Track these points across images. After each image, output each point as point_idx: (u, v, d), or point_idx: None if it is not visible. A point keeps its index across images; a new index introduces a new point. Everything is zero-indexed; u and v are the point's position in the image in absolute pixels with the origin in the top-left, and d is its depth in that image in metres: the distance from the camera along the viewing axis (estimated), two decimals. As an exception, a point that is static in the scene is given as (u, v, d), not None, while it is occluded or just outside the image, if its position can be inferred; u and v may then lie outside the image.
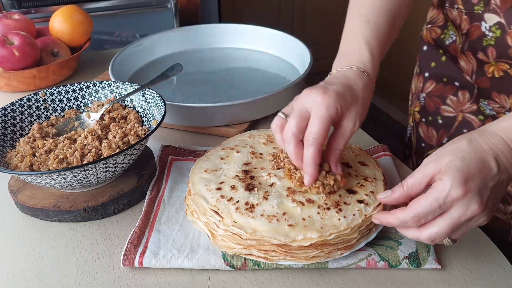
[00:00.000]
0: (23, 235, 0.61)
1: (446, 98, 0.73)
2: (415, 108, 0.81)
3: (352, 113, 0.54)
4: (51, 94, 0.75)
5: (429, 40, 0.76)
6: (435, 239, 0.47)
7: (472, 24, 0.64)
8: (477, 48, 0.65)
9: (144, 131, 0.68)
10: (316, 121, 0.51)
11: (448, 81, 0.72)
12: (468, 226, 0.47)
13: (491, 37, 0.62)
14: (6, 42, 0.94)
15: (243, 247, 0.52)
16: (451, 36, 0.71)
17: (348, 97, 0.54)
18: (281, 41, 1.07)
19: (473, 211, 0.45)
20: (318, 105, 0.51)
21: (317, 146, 0.51)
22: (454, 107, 0.71)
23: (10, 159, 0.64)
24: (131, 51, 1.02)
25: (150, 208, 0.62)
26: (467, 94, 0.70)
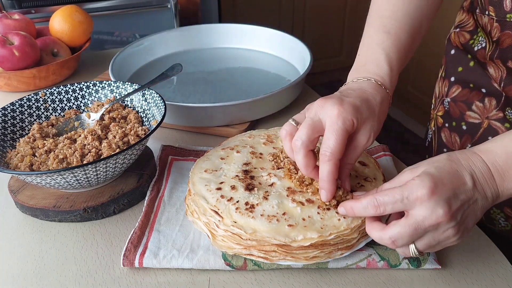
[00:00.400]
0: (23, 235, 0.61)
1: (472, 104, 0.70)
2: (438, 113, 0.78)
3: (367, 128, 0.52)
4: (51, 94, 0.75)
5: (457, 44, 0.74)
6: (397, 240, 0.45)
7: (503, 32, 0.63)
8: (507, 56, 0.63)
9: (144, 131, 0.68)
10: (332, 135, 0.49)
11: (474, 87, 0.70)
12: (435, 237, 0.45)
13: None
14: (6, 42, 0.94)
15: (243, 247, 0.52)
16: (481, 42, 0.68)
17: (364, 111, 0.52)
18: (281, 41, 1.07)
19: (438, 217, 0.44)
20: (334, 118, 0.49)
21: (335, 162, 0.49)
22: (480, 114, 0.69)
23: (10, 159, 0.64)
24: (131, 51, 1.02)
25: (150, 208, 0.62)
26: (494, 101, 0.67)
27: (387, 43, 0.60)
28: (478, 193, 0.46)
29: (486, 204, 0.47)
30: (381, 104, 0.55)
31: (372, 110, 0.53)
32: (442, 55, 0.78)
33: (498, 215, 0.72)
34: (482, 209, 0.47)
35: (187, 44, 1.13)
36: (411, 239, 0.45)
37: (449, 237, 0.46)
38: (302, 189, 0.55)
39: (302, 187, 0.56)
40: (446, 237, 0.46)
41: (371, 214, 0.47)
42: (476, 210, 0.46)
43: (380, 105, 0.54)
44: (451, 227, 0.45)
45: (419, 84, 2.45)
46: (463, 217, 0.45)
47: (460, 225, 0.45)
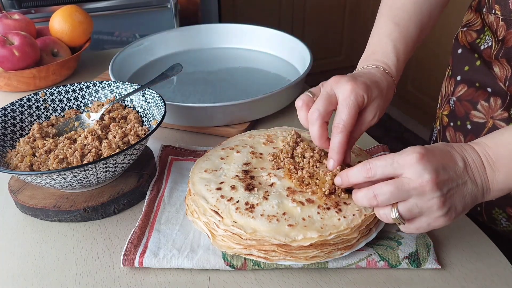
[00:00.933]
0: (23, 235, 0.61)
1: (477, 103, 0.71)
2: (444, 112, 0.79)
3: (375, 106, 0.55)
4: (51, 94, 0.75)
5: (465, 43, 0.75)
6: (379, 195, 0.46)
7: (509, 31, 0.63)
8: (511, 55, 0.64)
9: (144, 131, 0.68)
10: (345, 108, 0.52)
11: (480, 86, 0.70)
12: (419, 204, 0.45)
13: None
14: (6, 42, 0.94)
15: (243, 247, 0.52)
16: (487, 41, 0.69)
17: (374, 90, 0.55)
18: (281, 41, 1.07)
19: (423, 181, 0.44)
20: (348, 93, 0.52)
21: (346, 133, 0.52)
22: (485, 113, 0.70)
23: (10, 159, 0.64)
24: (131, 51, 1.02)
25: (150, 208, 0.62)
26: (499, 100, 0.68)
27: (395, 34, 0.63)
28: (468, 176, 0.46)
29: (476, 191, 0.47)
30: (387, 89, 0.58)
31: (381, 91, 0.56)
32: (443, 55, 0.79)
33: (500, 215, 0.72)
34: (471, 195, 0.47)
35: (187, 44, 1.13)
36: (393, 197, 0.45)
37: (433, 209, 0.45)
38: (302, 189, 0.56)
39: (302, 187, 0.56)
40: (429, 207, 0.45)
41: (363, 177, 0.47)
42: (465, 193, 0.46)
43: (386, 89, 0.58)
44: (436, 197, 0.45)
45: (419, 84, 2.45)
46: (450, 193, 0.45)
47: (446, 199, 0.45)
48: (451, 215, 0.46)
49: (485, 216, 0.74)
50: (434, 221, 0.46)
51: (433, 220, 0.46)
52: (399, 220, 0.46)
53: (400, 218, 0.46)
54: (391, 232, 0.58)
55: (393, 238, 0.57)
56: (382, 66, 0.60)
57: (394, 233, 0.58)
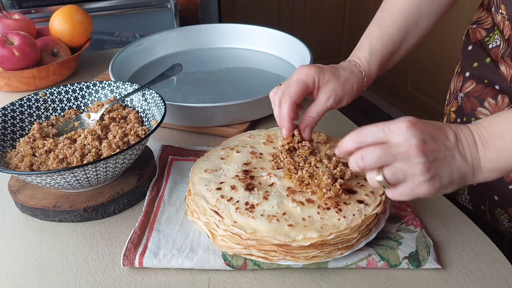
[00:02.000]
0: (23, 235, 0.61)
1: (485, 100, 0.71)
2: (452, 108, 0.80)
3: (329, 88, 0.61)
4: (51, 94, 0.75)
5: (476, 40, 0.76)
6: (365, 156, 0.47)
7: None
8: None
9: (144, 131, 0.68)
10: (293, 83, 0.60)
11: (489, 83, 0.71)
12: (403, 169, 0.46)
13: None
14: (6, 42, 0.94)
15: (243, 247, 0.52)
16: (496, 40, 0.70)
17: (328, 73, 0.62)
18: (281, 41, 1.07)
19: (410, 146, 0.45)
20: (299, 72, 0.61)
21: (290, 103, 0.59)
22: (491, 111, 0.71)
23: (10, 159, 0.64)
24: (131, 51, 1.02)
25: (150, 208, 0.62)
26: (506, 99, 0.68)
27: (375, 34, 0.68)
28: (458, 151, 0.47)
29: (465, 168, 0.47)
30: (349, 74, 0.64)
31: (336, 75, 0.63)
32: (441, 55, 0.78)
33: (502, 215, 0.72)
34: (460, 171, 0.47)
35: (187, 44, 1.13)
36: (380, 159, 0.46)
37: (416, 174, 0.46)
38: (302, 189, 0.56)
39: (302, 187, 0.56)
40: (413, 173, 0.46)
41: (355, 142, 0.48)
42: (453, 166, 0.47)
43: (348, 74, 0.64)
44: (421, 163, 0.45)
45: (419, 84, 2.45)
46: (436, 162, 0.46)
47: (431, 167, 0.46)
48: (435, 184, 0.47)
49: (489, 216, 0.74)
50: (418, 187, 0.47)
51: (417, 186, 0.47)
52: (384, 183, 0.47)
53: (384, 181, 0.47)
54: (391, 232, 0.58)
55: (393, 238, 0.57)
56: (353, 60, 0.66)
57: (394, 233, 0.58)
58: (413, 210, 0.62)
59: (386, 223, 0.58)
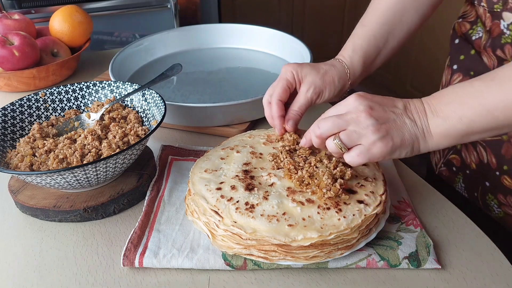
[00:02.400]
0: (23, 235, 0.61)
1: None
2: None
3: (308, 80, 0.64)
4: (51, 94, 0.75)
5: (461, 34, 0.79)
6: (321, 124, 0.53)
7: (493, 22, 0.68)
8: (496, 45, 0.68)
9: (144, 131, 0.68)
10: (277, 83, 0.65)
11: (475, 75, 0.74)
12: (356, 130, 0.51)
13: (508, 35, 0.65)
14: (6, 42, 0.94)
15: (243, 247, 0.52)
16: (478, 32, 0.74)
17: (306, 68, 0.65)
18: (281, 41, 1.07)
19: (358, 110, 0.51)
20: (281, 72, 0.65)
21: (276, 102, 0.64)
22: None
23: (10, 159, 0.64)
24: (131, 51, 1.02)
25: (150, 208, 0.62)
26: None
27: (358, 33, 0.72)
28: (407, 117, 0.52)
29: (415, 130, 0.52)
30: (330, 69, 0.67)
31: (316, 69, 0.66)
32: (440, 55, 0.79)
33: (492, 201, 0.74)
34: (410, 132, 0.52)
35: (187, 44, 1.13)
36: (334, 125, 0.52)
37: (368, 134, 0.51)
38: (302, 189, 0.56)
39: (302, 187, 0.56)
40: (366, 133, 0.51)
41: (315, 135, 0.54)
42: (404, 129, 0.52)
43: (328, 67, 0.67)
44: (370, 124, 0.50)
45: (418, 84, 2.45)
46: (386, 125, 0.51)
47: (381, 127, 0.51)
48: (388, 143, 0.51)
49: (481, 202, 0.77)
50: (372, 146, 0.51)
51: (371, 144, 0.51)
52: (340, 145, 0.52)
53: (341, 143, 0.52)
54: (391, 232, 0.58)
55: (393, 238, 0.57)
56: (336, 58, 0.70)
57: (394, 233, 0.58)
58: (413, 210, 0.62)
59: (386, 223, 0.58)
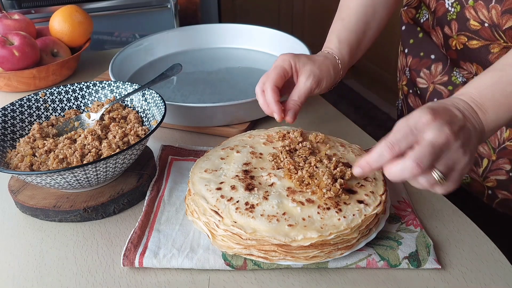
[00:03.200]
0: (23, 235, 0.61)
1: (420, 71, 0.83)
2: (403, 82, 0.90)
3: (307, 70, 0.65)
4: (51, 94, 0.75)
5: (408, 20, 0.86)
6: (421, 161, 0.45)
7: (438, 2, 0.73)
8: (443, 23, 0.72)
9: (144, 131, 0.68)
10: (272, 70, 0.65)
11: (424, 55, 0.82)
12: (451, 157, 0.47)
13: (453, 12, 0.69)
14: (6, 42, 0.94)
15: (243, 247, 0.52)
16: (425, 15, 0.80)
17: (303, 58, 0.66)
18: (281, 41, 1.07)
19: (447, 135, 0.46)
20: (277, 60, 0.66)
21: (272, 87, 0.63)
22: (427, 79, 0.82)
23: (10, 159, 0.64)
24: (131, 51, 1.02)
25: (150, 208, 0.62)
26: (440, 66, 0.79)
27: (339, 27, 0.75)
28: (468, 123, 0.50)
29: (477, 135, 0.50)
30: (324, 60, 0.69)
31: (312, 59, 0.67)
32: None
33: None
34: (476, 139, 0.50)
35: (187, 44, 1.13)
36: (433, 157, 0.46)
37: (461, 157, 0.47)
38: (302, 189, 0.56)
39: (302, 187, 0.56)
40: (458, 157, 0.47)
41: (388, 157, 0.47)
42: (473, 137, 0.49)
43: (322, 58, 0.69)
44: (459, 146, 0.47)
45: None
46: (465, 139, 0.48)
47: (465, 145, 0.48)
48: (472, 160, 0.49)
49: None
50: (463, 169, 0.48)
51: (463, 169, 0.48)
52: (442, 179, 0.47)
53: (442, 175, 0.47)
54: (391, 232, 0.58)
55: (393, 238, 0.57)
56: (324, 50, 0.73)
57: (394, 233, 0.58)
58: (413, 210, 0.62)
59: (386, 223, 0.58)
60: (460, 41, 0.70)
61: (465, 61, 0.73)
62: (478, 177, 0.77)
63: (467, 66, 0.73)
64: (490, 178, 0.75)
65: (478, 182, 0.77)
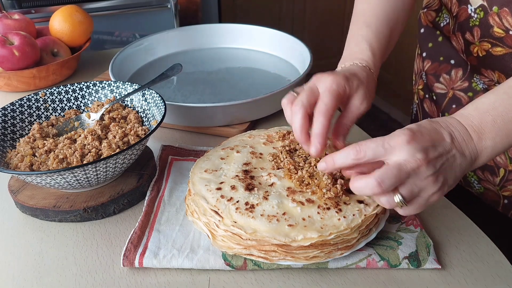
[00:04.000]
0: (23, 235, 0.61)
1: (440, 76, 0.79)
2: (419, 87, 0.86)
3: (360, 94, 0.58)
4: (51, 94, 0.75)
5: (427, 23, 0.82)
6: (383, 181, 0.45)
7: (461, 7, 0.70)
8: (465, 29, 0.70)
9: (144, 131, 0.68)
10: (327, 93, 0.53)
11: (444, 60, 0.79)
12: (417, 184, 0.46)
13: (476, 18, 0.67)
14: (6, 42, 0.94)
15: (243, 247, 0.52)
16: (445, 19, 0.77)
17: (354, 81, 0.58)
18: (281, 41, 1.07)
19: (417, 160, 0.45)
20: (329, 83, 0.54)
21: (328, 116, 0.52)
22: (446, 85, 0.78)
23: (10, 159, 0.64)
24: (131, 51, 1.02)
25: (150, 208, 0.62)
26: (460, 72, 0.76)
27: (369, 35, 0.68)
28: (456, 150, 0.48)
29: (465, 163, 0.48)
30: (367, 79, 0.61)
31: (361, 81, 0.59)
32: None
33: (472, 178, 0.76)
34: (461, 168, 0.48)
35: (187, 44, 1.13)
36: (396, 180, 0.45)
37: (429, 186, 0.46)
38: (302, 189, 0.56)
39: (302, 187, 0.56)
40: (426, 185, 0.46)
41: (351, 160, 0.47)
42: (455, 166, 0.48)
43: (367, 78, 0.61)
44: (431, 174, 0.46)
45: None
46: (442, 168, 0.47)
47: (439, 175, 0.47)
48: (444, 189, 0.48)
49: (462, 179, 0.79)
50: (431, 197, 0.48)
51: (430, 196, 0.47)
52: (402, 202, 0.47)
53: (403, 200, 0.47)
54: (391, 232, 0.58)
55: (393, 238, 0.57)
56: (359, 62, 0.64)
57: (394, 233, 0.58)
58: (413, 210, 0.62)
59: (386, 223, 0.58)
60: (483, 48, 0.68)
61: (487, 68, 0.70)
62: (494, 186, 0.75)
63: (489, 73, 0.70)
64: (507, 188, 0.73)
65: (493, 191, 0.76)
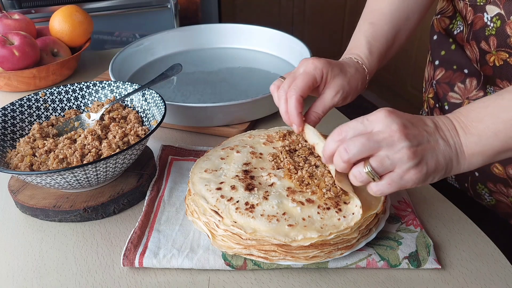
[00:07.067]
0: (23, 235, 0.61)
1: (454, 85, 0.76)
2: (429, 95, 0.85)
3: (336, 83, 0.59)
4: (51, 94, 0.75)
5: (440, 30, 0.80)
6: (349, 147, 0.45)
7: (476, 15, 0.68)
8: (480, 37, 0.69)
9: (144, 131, 0.68)
10: (301, 76, 0.57)
11: (457, 68, 0.76)
12: (389, 156, 0.45)
13: (492, 27, 0.66)
14: (6, 42, 0.94)
15: (243, 247, 0.52)
16: (459, 26, 0.75)
17: (336, 69, 0.59)
18: (281, 41, 1.07)
19: (392, 131, 0.45)
20: (308, 65, 0.58)
21: (297, 96, 0.55)
22: (461, 94, 0.75)
23: (10, 159, 0.64)
24: (131, 51, 1.02)
25: (150, 208, 0.62)
26: (474, 81, 0.73)
27: (369, 32, 0.68)
28: (439, 136, 0.47)
29: (449, 152, 0.47)
30: (355, 72, 0.62)
31: (344, 72, 0.60)
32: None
33: (483, 190, 0.76)
34: (444, 155, 0.47)
35: (187, 44, 1.13)
36: (364, 148, 0.45)
37: (403, 160, 0.45)
38: (302, 189, 0.56)
39: (301, 187, 0.56)
40: (400, 158, 0.45)
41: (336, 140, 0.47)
42: (438, 151, 0.47)
43: (353, 70, 0.62)
44: (405, 147, 0.45)
45: (419, 84, 2.45)
46: (420, 147, 0.46)
47: (416, 151, 0.45)
48: (422, 169, 0.46)
49: (472, 192, 0.78)
50: (405, 173, 0.46)
51: (404, 172, 0.46)
52: (372, 174, 0.46)
53: (373, 172, 0.46)
54: (391, 232, 0.58)
55: (393, 238, 0.57)
56: (355, 57, 0.65)
57: (394, 233, 0.58)
58: (413, 210, 0.62)
59: (386, 223, 0.58)
60: (500, 57, 0.66)
61: (502, 79, 0.68)
62: (507, 198, 0.73)
63: (504, 84, 0.68)
64: None
65: (506, 203, 0.74)
